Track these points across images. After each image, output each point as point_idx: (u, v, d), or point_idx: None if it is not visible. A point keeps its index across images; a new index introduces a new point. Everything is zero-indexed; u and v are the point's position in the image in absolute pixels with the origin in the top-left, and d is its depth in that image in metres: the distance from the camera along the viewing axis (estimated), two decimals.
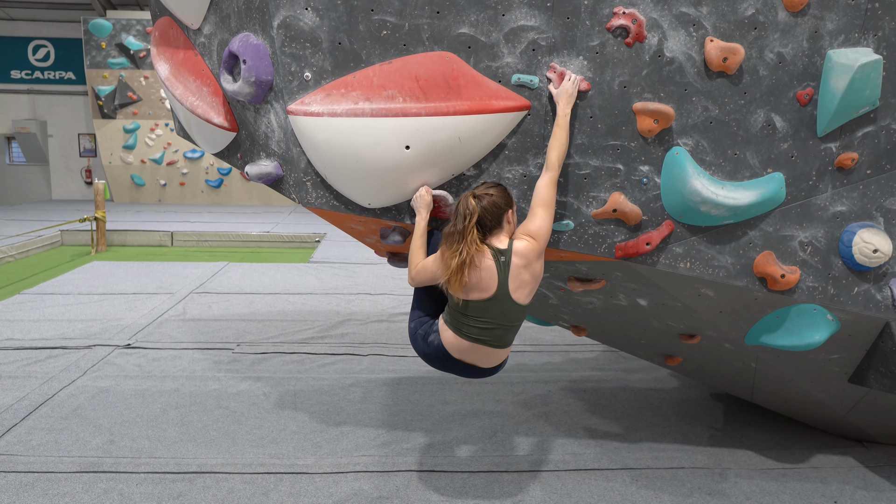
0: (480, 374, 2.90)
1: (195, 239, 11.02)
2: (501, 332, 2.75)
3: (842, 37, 2.67)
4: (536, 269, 2.69)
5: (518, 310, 2.72)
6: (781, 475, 3.63)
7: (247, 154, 3.02)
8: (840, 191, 2.87)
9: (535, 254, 2.64)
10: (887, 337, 3.06)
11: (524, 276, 2.66)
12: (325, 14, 2.57)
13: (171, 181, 15.92)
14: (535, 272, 2.69)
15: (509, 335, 2.79)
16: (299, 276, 8.14)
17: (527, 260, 2.65)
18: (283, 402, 4.36)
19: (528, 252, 2.64)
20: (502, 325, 2.73)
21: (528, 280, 2.69)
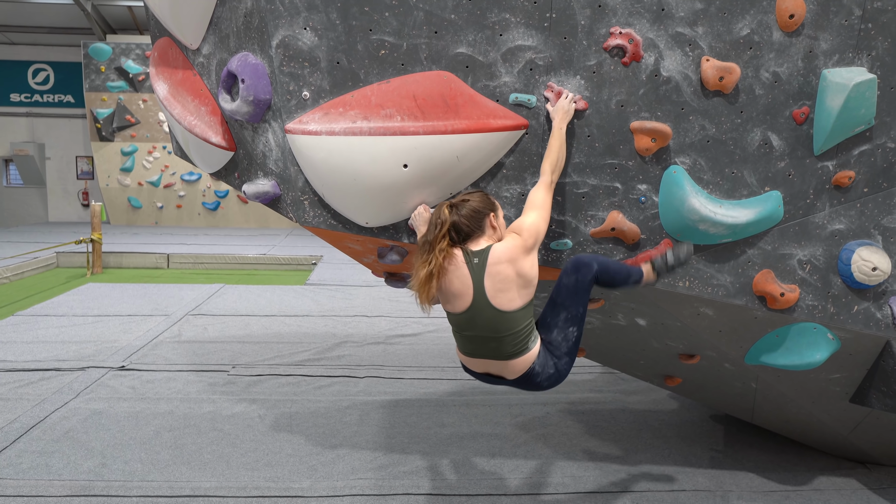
0: (520, 385, 2.66)
1: (191, 261, 10.99)
2: (495, 343, 2.52)
3: (836, 56, 2.70)
4: (523, 269, 2.45)
5: (503, 318, 2.46)
6: (784, 498, 3.58)
7: (244, 173, 3.02)
8: (838, 209, 2.87)
9: (518, 250, 2.44)
10: (888, 356, 3.04)
11: (505, 273, 2.43)
12: (323, 34, 2.59)
13: (167, 204, 15.92)
14: (522, 272, 2.45)
15: (506, 346, 2.51)
16: (296, 299, 8.11)
17: (508, 257, 2.44)
18: (279, 425, 4.31)
19: (509, 249, 2.45)
20: (493, 336, 2.51)
21: (512, 280, 2.44)
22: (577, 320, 2.59)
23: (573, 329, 2.59)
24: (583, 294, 2.56)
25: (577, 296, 2.56)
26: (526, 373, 2.58)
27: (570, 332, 2.59)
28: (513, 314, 2.48)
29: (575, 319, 2.59)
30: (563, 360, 2.61)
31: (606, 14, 2.59)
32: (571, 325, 2.59)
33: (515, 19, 2.58)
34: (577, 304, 2.57)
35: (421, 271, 2.47)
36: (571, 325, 2.59)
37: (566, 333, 2.59)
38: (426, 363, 5.76)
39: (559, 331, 2.59)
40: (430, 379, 5.34)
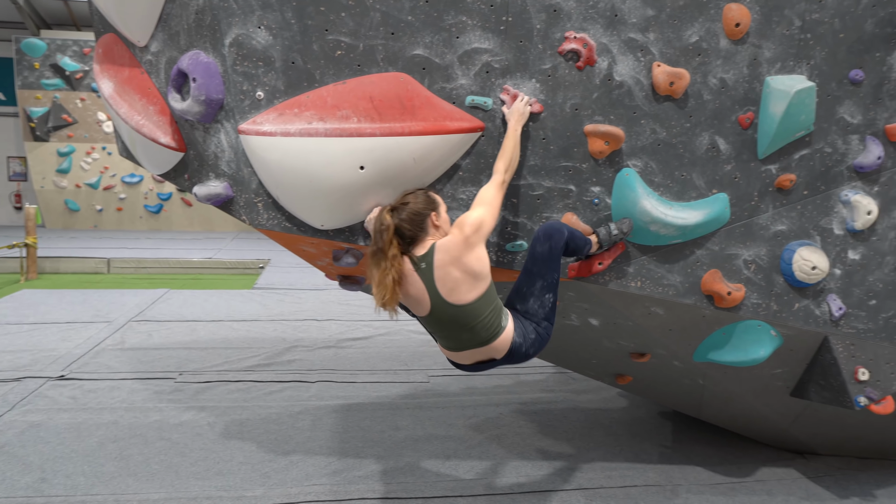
0: (509, 361, 2.66)
1: (133, 266, 10.63)
2: (469, 334, 2.52)
3: (778, 64, 2.81)
4: (469, 266, 2.43)
5: (467, 311, 2.47)
6: (730, 489, 3.70)
7: (195, 174, 2.94)
8: (780, 211, 2.99)
9: (459, 247, 2.42)
10: (826, 351, 3.18)
11: (454, 274, 2.44)
12: (278, 33, 2.54)
13: (107, 206, 15.36)
14: (469, 269, 2.44)
15: (481, 333, 2.52)
16: (243, 303, 7.94)
17: (451, 255, 2.43)
18: (229, 432, 4.20)
19: (450, 246, 2.44)
20: (464, 328, 2.51)
21: (461, 279, 2.44)
22: (553, 287, 2.62)
23: (549, 296, 2.62)
24: (556, 260, 2.60)
25: (551, 262, 2.59)
26: (511, 349, 2.60)
27: (547, 298, 2.62)
28: (474, 304, 2.48)
29: (551, 286, 2.61)
30: (543, 324, 2.64)
31: (561, 19, 2.63)
32: (547, 293, 2.61)
33: (472, 22, 2.60)
34: (552, 271, 2.60)
35: (385, 279, 2.43)
36: (547, 292, 2.61)
37: (542, 301, 2.62)
38: (378, 366, 5.72)
39: (535, 299, 2.62)
40: (383, 382, 5.31)
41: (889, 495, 3.77)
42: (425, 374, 5.54)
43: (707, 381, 3.60)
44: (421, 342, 6.51)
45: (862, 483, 3.86)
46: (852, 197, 2.99)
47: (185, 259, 10.86)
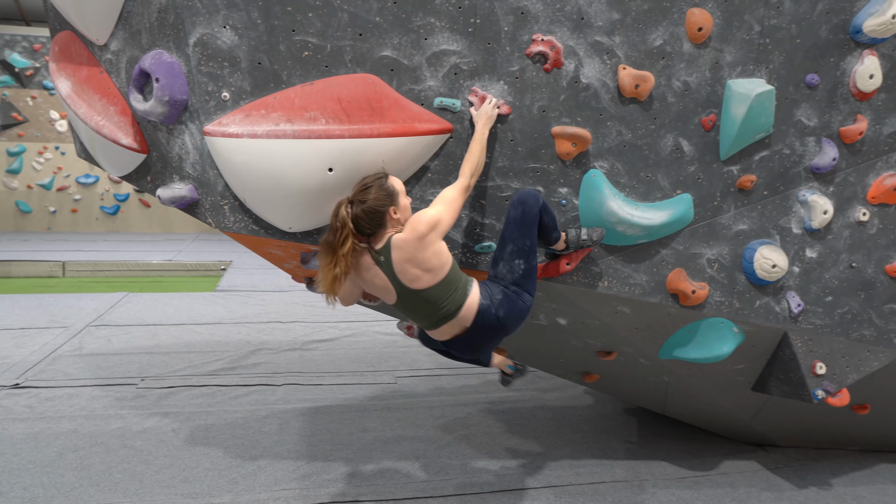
0: (484, 332, 2.67)
1: (90, 269, 10.33)
2: (440, 311, 2.59)
3: (739, 68, 2.88)
4: (426, 262, 2.49)
5: (433, 294, 2.54)
6: (695, 483, 3.78)
7: (158, 177, 2.88)
8: (741, 210, 3.06)
9: (415, 245, 2.46)
10: (785, 346, 3.27)
11: (412, 271, 2.51)
12: (244, 33, 2.51)
13: (61, 208, 14.90)
14: (426, 265, 2.49)
15: (450, 307, 2.58)
16: (205, 306, 7.79)
17: (406, 253, 2.48)
18: (195, 438, 4.12)
19: (405, 246, 2.48)
20: (433, 307, 2.58)
21: (420, 273, 2.51)
22: (524, 253, 2.62)
23: (519, 262, 2.62)
24: (529, 226, 2.60)
25: (522, 227, 2.60)
26: (478, 311, 2.61)
27: (517, 264, 2.62)
28: (438, 286, 2.56)
29: (521, 252, 2.62)
30: (512, 288, 2.64)
31: (529, 21, 2.65)
32: (517, 258, 2.62)
33: (440, 24, 2.60)
34: (523, 237, 2.61)
35: (327, 274, 2.47)
36: (517, 257, 2.62)
37: (512, 266, 2.63)
38: (344, 368, 5.68)
39: (504, 263, 2.64)
40: (350, 384, 5.27)
41: (844, 483, 3.90)
42: (392, 375, 5.52)
43: (672, 378, 3.67)
44: (387, 343, 6.49)
45: (819, 473, 3.99)
46: (809, 197, 3.08)
47: (145, 261, 10.61)
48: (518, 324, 2.69)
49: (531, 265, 2.64)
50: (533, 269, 2.66)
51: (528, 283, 2.65)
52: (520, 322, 2.69)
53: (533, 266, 2.65)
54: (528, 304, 2.67)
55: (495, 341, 2.78)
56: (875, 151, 3.16)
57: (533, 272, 2.66)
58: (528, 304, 2.66)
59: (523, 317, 2.68)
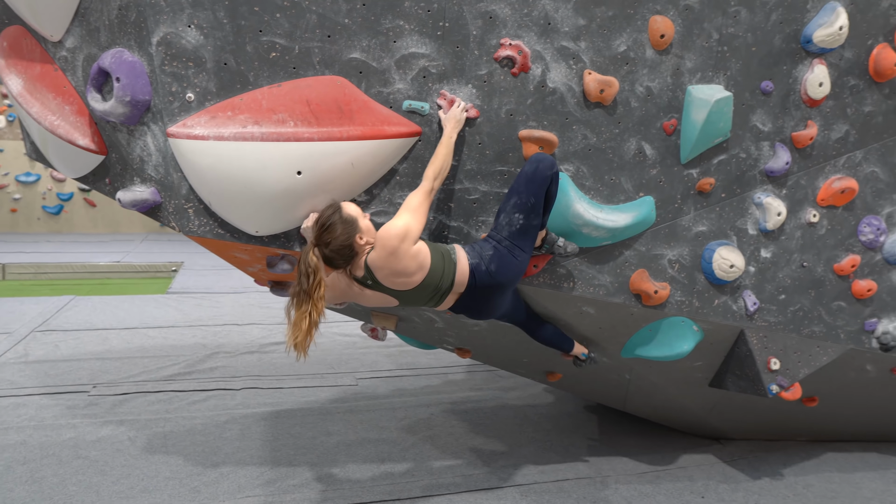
0: (482, 292, 2.72)
1: (32, 271, 9.91)
2: (440, 289, 2.66)
3: (699, 74, 2.96)
4: (407, 268, 2.53)
5: (426, 283, 2.60)
6: (655, 477, 3.88)
7: (117, 179, 2.79)
8: (701, 212, 3.15)
9: (390, 260, 2.50)
10: (742, 343, 3.39)
11: (400, 279, 2.57)
12: (209, 33, 2.45)
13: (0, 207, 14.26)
14: (407, 270, 2.53)
15: (446, 281, 2.65)
16: (158, 309, 7.58)
17: (387, 269, 2.53)
18: (153, 446, 4.01)
19: (382, 264, 2.52)
20: (432, 290, 2.65)
21: (407, 278, 2.56)
22: (526, 209, 2.63)
23: (519, 216, 2.63)
24: (538, 185, 2.61)
25: (531, 183, 2.62)
26: (471, 271, 2.67)
27: (516, 217, 2.64)
28: (429, 275, 2.61)
29: (523, 207, 2.63)
30: (505, 243, 2.65)
31: (497, 25, 2.67)
32: (518, 212, 2.63)
33: (409, 27, 2.59)
34: (529, 193, 2.62)
35: (303, 322, 2.47)
36: (518, 211, 2.64)
37: (511, 218, 2.65)
38: (304, 371, 5.61)
39: (505, 215, 2.66)
40: (311, 387, 5.22)
41: (794, 473, 4.07)
42: (353, 377, 5.49)
43: (633, 376, 3.76)
44: (347, 344, 6.44)
45: (771, 464, 4.15)
46: (764, 199, 3.20)
47: (91, 263, 10.24)
48: (513, 280, 2.72)
49: (530, 223, 2.65)
50: (531, 229, 2.67)
51: (523, 240, 2.67)
52: (515, 278, 2.71)
53: (532, 225, 2.66)
54: (522, 261, 2.69)
55: (498, 299, 2.80)
56: (824, 155, 3.30)
57: (531, 232, 2.67)
58: (521, 261, 2.68)
59: (518, 273, 2.70)
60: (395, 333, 3.92)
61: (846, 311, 3.51)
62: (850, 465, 4.25)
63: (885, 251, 3.49)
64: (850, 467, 4.22)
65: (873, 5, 3.16)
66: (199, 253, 11.84)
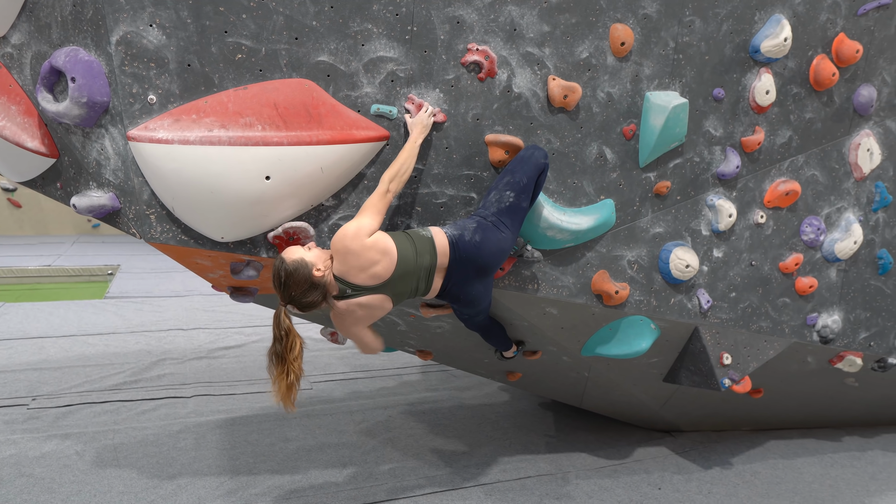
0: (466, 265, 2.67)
1: None
2: (424, 271, 2.64)
3: (656, 81, 3.06)
4: (366, 258, 2.48)
5: (401, 268, 2.55)
6: (613, 471, 3.99)
7: (70, 184, 2.66)
8: (658, 215, 3.26)
9: (350, 262, 2.49)
10: (696, 339, 3.52)
11: (369, 274, 2.52)
12: (172, 33, 2.37)
13: None
14: (366, 262, 2.49)
15: (422, 259, 2.61)
16: (96, 315, 7.25)
17: (354, 270, 2.50)
18: (103, 460, 3.85)
19: (348, 269, 2.50)
20: (414, 273, 2.61)
21: (374, 272, 2.52)
22: (517, 188, 2.67)
23: (510, 193, 2.67)
24: (532, 168, 2.69)
25: (525, 165, 2.69)
26: (450, 243, 2.64)
27: (507, 195, 2.67)
28: (400, 259, 2.56)
29: (515, 186, 2.67)
30: (491, 218, 2.66)
31: (464, 30, 2.68)
32: (509, 189, 2.67)
33: (377, 30, 2.58)
34: (522, 174, 2.69)
35: (281, 385, 2.58)
36: (510, 189, 2.67)
37: (502, 195, 2.68)
38: (257, 376, 5.50)
39: (497, 192, 2.69)
40: (265, 392, 5.11)
41: (742, 462, 4.26)
42: (307, 381, 5.41)
43: (591, 373, 3.85)
44: None
45: (720, 453, 4.33)
46: (716, 201, 3.33)
47: (19, 267, 9.71)
48: (498, 257, 2.69)
49: (520, 204, 2.68)
50: (520, 210, 2.70)
51: (511, 218, 2.68)
52: (499, 255, 2.69)
53: (521, 207, 2.69)
54: (508, 238, 2.69)
55: (480, 285, 2.76)
56: (769, 159, 3.46)
57: (518, 213, 2.70)
58: (505, 238, 2.67)
59: (503, 249, 2.69)
60: None
61: (790, 307, 3.70)
62: (792, 452, 4.48)
63: (824, 250, 3.69)
64: (791, 454, 4.45)
65: (813, 19, 3.33)
66: (136, 255, 11.41)
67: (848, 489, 4.05)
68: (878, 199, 3.78)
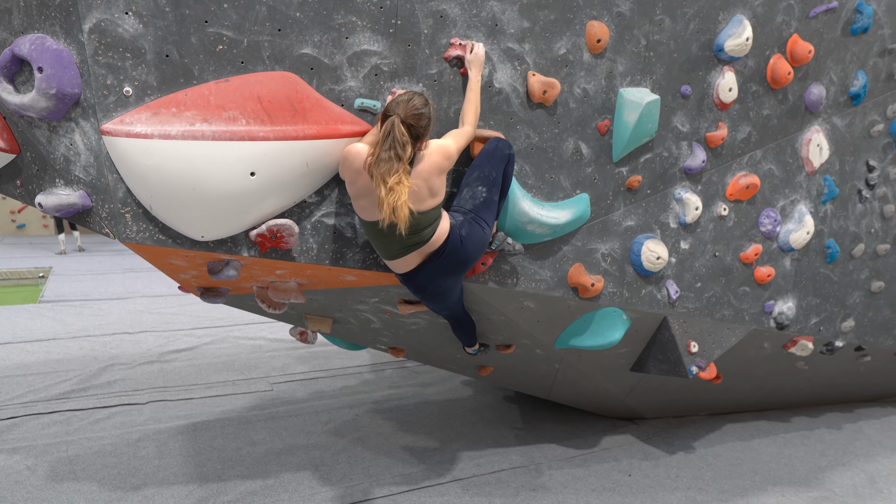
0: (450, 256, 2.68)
1: None
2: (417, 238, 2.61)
3: (629, 78, 3.13)
4: (434, 185, 2.56)
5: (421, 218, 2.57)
6: (583, 461, 4.07)
7: (32, 181, 2.50)
8: (630, 208, 3.34)
9: (433, 170, 2.54)
10: (664, 329, 3.63)
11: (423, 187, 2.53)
12: (150, 21, 2.26)
13: None
14: (434, 188, 2.57)
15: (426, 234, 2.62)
16: (32, 320, 6.87)
17: (424, 174, 2.53)
18: (58, 474, 3.65)
19: (424, 168, 2.53)
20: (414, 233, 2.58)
21: (425, 193, 2.55)
22: (488, 182, 2.69)
23: (482, 189, 2.69)
24: (498, 161, 2.72)
25: (492, 159, 2.71)
26: (449, 235, 2.64)
27: (479, 191, 2.70)
28: (428, 213, 2.57)
29: (486, 181, 2.69)
30: (469, 214, 2.68)
31: (447, 25, 2.67)
32: (481, 185, 2.69)
33: (362, 23, 2.53)
34: (491, 167, 2.70)
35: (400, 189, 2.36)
36: (481, 184, 2.70)
37: (475, 192, 2.70)
38: (213, 379, 5.34)
39: (469, 189, 2.71)
40: (224, 395, 4.97)
41: (703, 445, 4.42)
42: (267, 382, 5.29)
43: (562, 365, 3.91)
44: (252, 348, 6.19)
45: (682, 438, 4.49)
46: (684, 195, 3.44)
47: None
48: (478, 252, 2.73)
49: (492, 198, 2.72)
50: (492, 204, 2.73)
51: (486, 213, 2.71)
52: (479, 251, 2.73)
53: (493, 200, 2.72)
54: (485, 235, 2.72)
55: (452, 280, 2.78)
56: (731, 154, 3.60)
57: (493, 206, 2.73)
58: (485, 235, 2.71)
59: (483, 245, 2.73)
60: (323, 335, 3.83)
61: (750, 296, 3.86)
62: (748, 434, 4.69)
63: (779, 240, 3.87)
64: (747, 436, 4.66)
65: (770, 20, 3.47)
66: (68, 258, 10.87)
67: (801, 465, 4.27)
68: (827, 191, 3.99)
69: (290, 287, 3.04)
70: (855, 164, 4.13)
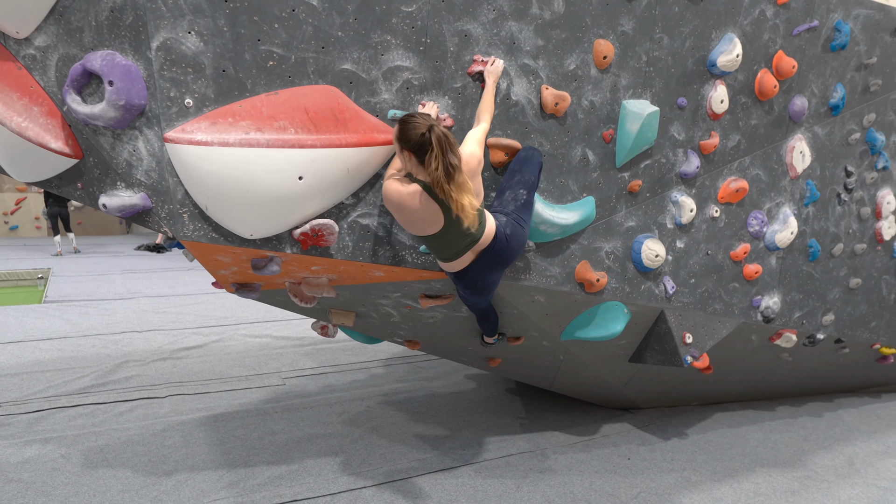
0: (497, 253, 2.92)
1: None
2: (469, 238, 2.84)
3: (631, 91, 3.42)
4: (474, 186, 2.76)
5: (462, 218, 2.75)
6: (585, 446, 4.35)
7: (94, 184, 2.73)
8: (631, 210, 3.62)
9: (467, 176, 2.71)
10: (662, 321, 3.92)
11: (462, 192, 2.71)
12: (209, 40, 2.50)
13: None
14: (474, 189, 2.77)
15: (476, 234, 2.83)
16: (40, 320, 7.01)
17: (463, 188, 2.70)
18: (92, 462, 3.85)
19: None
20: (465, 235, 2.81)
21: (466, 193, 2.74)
22: (528, 185, 2.98)
23: (523, 191, 2.98)
24: (534, 167, 3.02)
25: (529, 164, 3.01)
26: (496, 234, 2.87)
27: (521, 193, 2.98)
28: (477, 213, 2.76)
29: (526, 184, 2.98)
30: (513, 215, 2.94)
31: (471, 43, 2.94)
32: (522, 188, 2.98)
33: (395, 41, 2.79)
34: (529, 172, 3.00)
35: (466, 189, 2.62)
36: (522, 187, 2.98)
37: (516, 194, 2.98)
38: (227, 374, 5.54)
39: (511, 191, 2.99)
40: (239, 389, 5.18)
41: (696, 432, 4.72)
42: (279, 377, 5.51)
43: (567, 356, 4.19)
44: (260, 346, 6.40)
45: (676, 426, 4.78)
46: (679, 198, 3.73)
47: None
48: (520, 249, 2.99)
49: (531, 200, 3.01)
50: (531, 205, 3.01)
51: (526, 213, 2.99)
52: (521, 248, 2.99)
53: (531, 202, 3.01)
54: (527, 232, 3.00)
55: (497, 275, 3.03)
56: (722, 160, 3.91)
57: (531, 208, 3.02)
58: (525, 234, 2.99)
59: (523, 243, 2.99)
60: (342, 329, 4.07)
61: (739, 291, 4.17)
62: (736, 422, 5.00)
63: (766, 240, 4.19)
64: (736, 423, 4.97)
65: (757, 37, 3.79)
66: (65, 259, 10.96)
67: (786, 449, 4.59)
68: (809, 195, 4.32)
69: (322, 282, 3.28)
70: (834, 170, 4.47)
